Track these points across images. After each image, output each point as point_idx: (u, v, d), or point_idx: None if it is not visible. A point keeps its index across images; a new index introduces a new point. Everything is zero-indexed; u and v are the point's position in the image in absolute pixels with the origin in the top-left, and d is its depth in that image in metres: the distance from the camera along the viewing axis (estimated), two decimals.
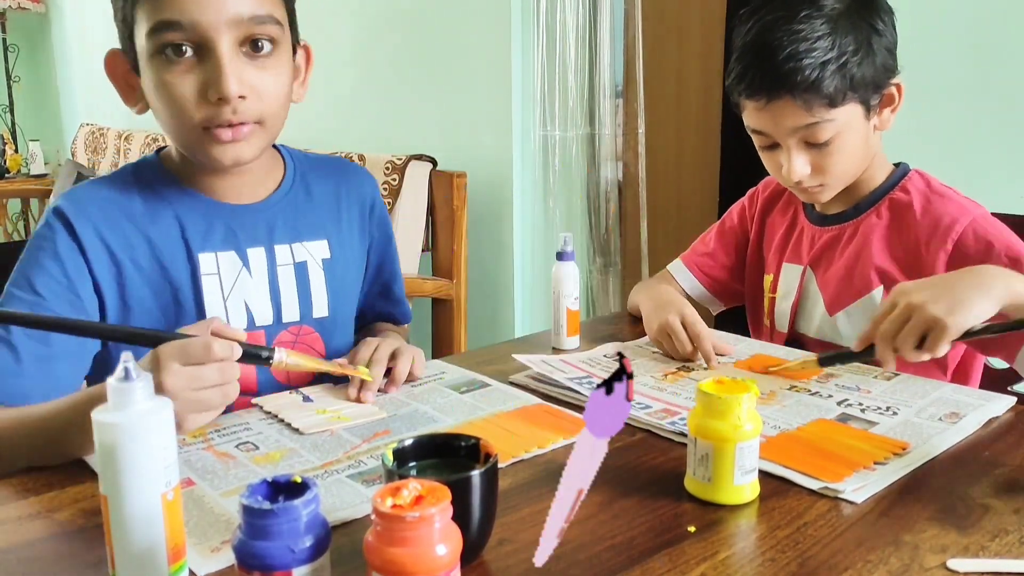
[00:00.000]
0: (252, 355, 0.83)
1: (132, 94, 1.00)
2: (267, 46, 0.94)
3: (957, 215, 1.08)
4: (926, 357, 0.89)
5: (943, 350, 0.88)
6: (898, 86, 1.10)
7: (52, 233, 0.96)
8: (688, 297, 1.32)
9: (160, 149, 1.06)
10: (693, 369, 1.08)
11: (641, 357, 1.13)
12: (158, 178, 1.02)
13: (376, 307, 1.22)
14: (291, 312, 1.05)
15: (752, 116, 1.10)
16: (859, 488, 0.74)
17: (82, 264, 0.96)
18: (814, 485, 0.75)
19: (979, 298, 0.87)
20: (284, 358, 0.85)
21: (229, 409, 0.85)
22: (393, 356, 1.00)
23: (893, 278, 1.11)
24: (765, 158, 1.15)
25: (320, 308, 1.08)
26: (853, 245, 1.16)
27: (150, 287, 0.98)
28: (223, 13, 0.90)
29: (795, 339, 1.22)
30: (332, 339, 1.09)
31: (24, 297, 0.93)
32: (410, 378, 1.01)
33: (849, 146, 1.08)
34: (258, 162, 1.04)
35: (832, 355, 1.01)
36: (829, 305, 1.17)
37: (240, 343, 0.81)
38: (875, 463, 0.78)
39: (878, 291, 1.12)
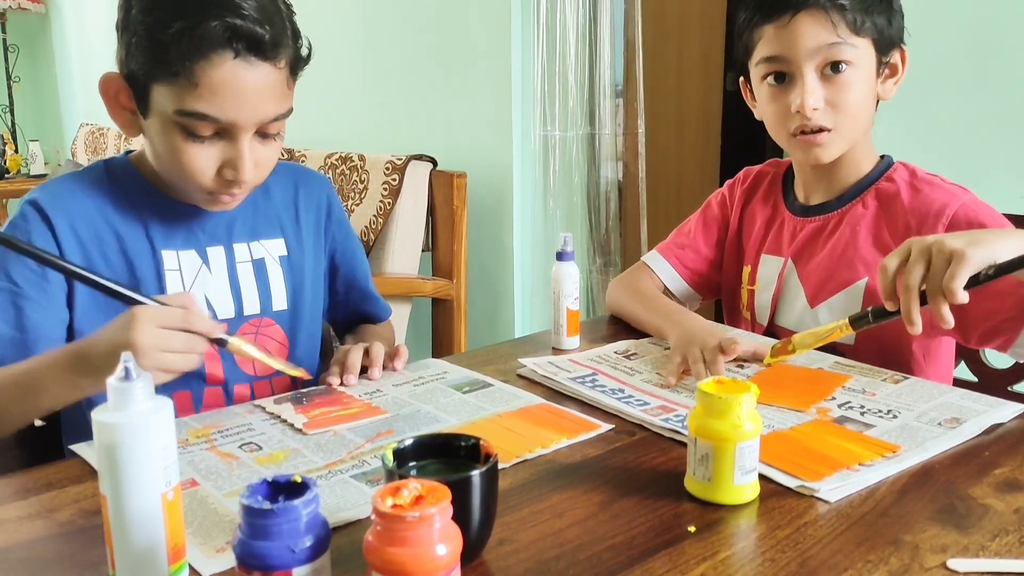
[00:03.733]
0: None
1: (128, 122, 1.00)
2: (276, 129, 1.00)
3: (946, 200, 1.07)
4: (949, 303, 0.84)
5: (961, 281, 0.82)
6: (903, 55, 1.12)
7: (28, 224, 1.00)
8: (668, 292, 1.31)
9: (128, 152, 1.09)
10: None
11: (650, 355, 1.13)
12: (127, 178, 1.06)
13: (355, 308, 1.27)
14: (252, 306, 1.10)
15: (771, 42, 1.08)
16: (836, 488, 0.74)
17: (56, 254, 0.97)
18: (791, 483, 0.75)
19: (997, 238, 0.85)
20: (239, 344, 0.89)
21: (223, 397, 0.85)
22: (366, 353, 1.05)
23: None
24: (772, 102, 1.11)
25: (279, 302, 1.12)
26: (837, 235, 1.15)
27: (117, 280, 0.99)
28: (255, 117, 0.94)
29: (773, 332, 1.20)
30: (294, 331, 1.14)
31: (1, 285, 0.97)
32: (389, 366, 1.05)
33: (860, 86, 1.07)
34: None
35: (861, 315, 0.95)
36: (811, 297, 1.16)
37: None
38: (860, 464, 0.78)
39: (863, 282, 1.11)
